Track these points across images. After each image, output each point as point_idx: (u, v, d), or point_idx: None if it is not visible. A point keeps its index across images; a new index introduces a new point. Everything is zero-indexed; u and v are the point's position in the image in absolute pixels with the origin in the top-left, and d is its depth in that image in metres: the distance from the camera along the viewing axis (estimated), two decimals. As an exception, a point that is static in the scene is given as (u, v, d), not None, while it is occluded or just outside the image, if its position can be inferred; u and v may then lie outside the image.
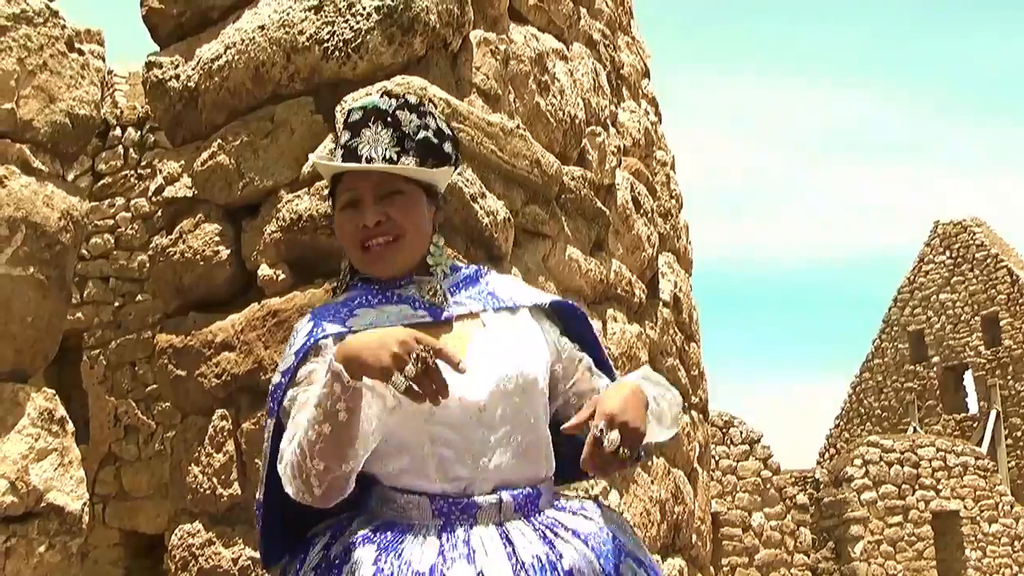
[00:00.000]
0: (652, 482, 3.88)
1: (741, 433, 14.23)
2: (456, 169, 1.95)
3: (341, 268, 1.99)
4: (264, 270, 2.98)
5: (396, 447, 1.76)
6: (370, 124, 1.82)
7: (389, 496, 1.77)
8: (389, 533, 1.72)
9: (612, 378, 1.98)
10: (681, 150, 5.22)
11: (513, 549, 1.68)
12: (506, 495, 1.74)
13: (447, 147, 1.88)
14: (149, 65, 3.30)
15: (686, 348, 4.71)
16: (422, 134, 1.83)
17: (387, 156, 1.80)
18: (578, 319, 2.01)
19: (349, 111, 1.87)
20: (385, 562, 1.67)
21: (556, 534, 1.73)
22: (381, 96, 1.87)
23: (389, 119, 1.82)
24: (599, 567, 1.70)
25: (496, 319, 1.87)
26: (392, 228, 1.82)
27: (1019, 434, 22.86)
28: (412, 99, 1.87)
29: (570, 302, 2.05)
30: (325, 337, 1.80)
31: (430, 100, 1.98)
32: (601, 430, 1.64)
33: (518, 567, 1.65)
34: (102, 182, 8.86)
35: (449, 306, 1.87)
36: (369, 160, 1.80)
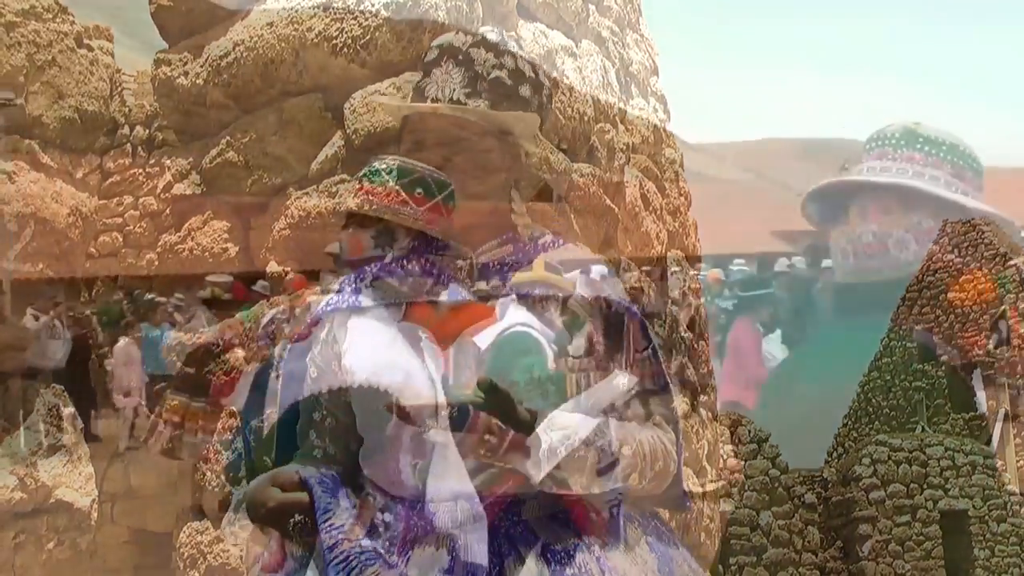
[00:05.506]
0: (661, 480, 3.86)
1: (749, 432, 14.19)
2: (541, 119, 1.69)
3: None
4: (273, 267, 2.98)
5: None
6: (441, 63, 1.61)
7: None
8: None
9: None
10: (688, 146, 5.20)
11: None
12: None
13: (523, 90, 1.63)
14: (158, 62, 3.30)
15: (695, 345, 4.69)
16: (494, 73, 1.60)
17: (454, 98, 1.59)
18: None
19: (427, 50, 1.65)
20: None
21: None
22: (457, 33, 1.65)
23: (461, 57, 1.60)
24: None
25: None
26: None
27: (1028, 433, 22.76)
28: (492, 36, 1.64)
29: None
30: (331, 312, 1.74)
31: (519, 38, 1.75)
32: None
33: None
34: (110, 180, 8.85)
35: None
36: (435, 101, 1.59)
